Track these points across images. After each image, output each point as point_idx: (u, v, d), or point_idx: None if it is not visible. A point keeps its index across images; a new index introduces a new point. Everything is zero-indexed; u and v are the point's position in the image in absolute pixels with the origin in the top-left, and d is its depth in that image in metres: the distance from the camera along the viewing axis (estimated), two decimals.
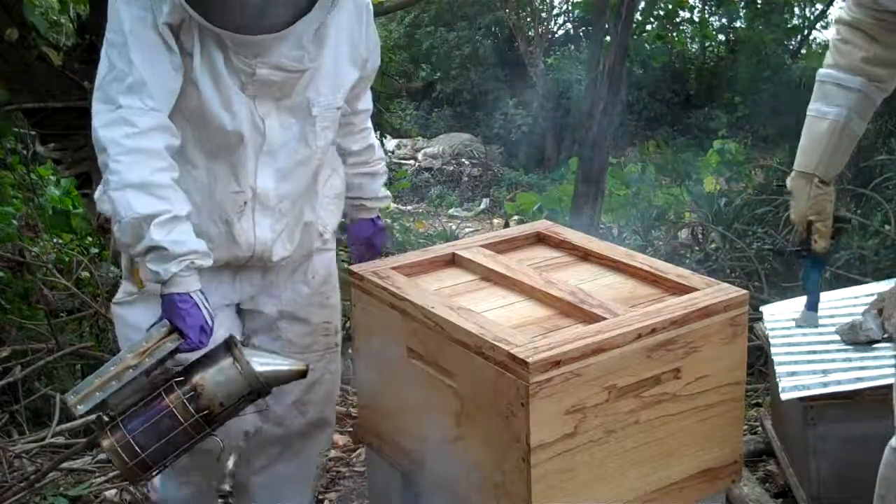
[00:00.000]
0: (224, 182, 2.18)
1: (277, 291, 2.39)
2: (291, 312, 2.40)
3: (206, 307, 2.02)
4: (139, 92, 1.99)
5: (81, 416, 2.09)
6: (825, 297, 3.24)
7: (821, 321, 2.95)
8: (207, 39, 2.03)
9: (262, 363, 2.07)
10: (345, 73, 2.25)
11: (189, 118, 2.10)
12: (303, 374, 2.14)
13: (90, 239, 5.18)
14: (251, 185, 2.19)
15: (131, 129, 1.97)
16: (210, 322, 2.02)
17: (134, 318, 2.22)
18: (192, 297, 2.00)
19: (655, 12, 13.12)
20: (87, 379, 2.01)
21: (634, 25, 8.53)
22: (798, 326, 2.40)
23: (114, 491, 3.20)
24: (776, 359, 2.84)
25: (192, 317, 1.99)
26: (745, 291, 2.07)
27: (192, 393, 2.01)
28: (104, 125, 1.98)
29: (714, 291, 2.06)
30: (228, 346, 2.07)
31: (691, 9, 14.32)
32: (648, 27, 13.78)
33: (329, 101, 2.23)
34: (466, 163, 13.95)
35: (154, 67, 2.00)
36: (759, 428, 3.43)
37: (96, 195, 2.26)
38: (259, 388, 2.06)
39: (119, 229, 1.99)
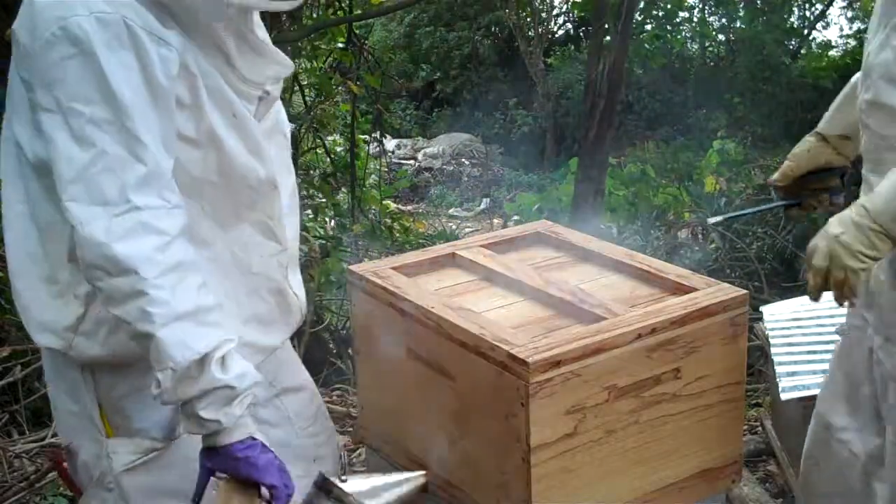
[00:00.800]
0: (260, 248, 1.75)
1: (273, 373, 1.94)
2: (288, 387, 1.99)
3: (268, 446, 1.62)
4: (157, 185, 1.48)
5: None
6: (826, 296, 3.25)
7: (821, 321, 2.97)
8: (212, 74, 1.60)
9: (376, 496, 1.68)
10: None
11: (193, 191, 1.63)
12: (425, 488, 1.79)
13: None
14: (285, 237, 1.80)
15: (161, 238, 1.47)
16: (280, 459, 1.62)
17: (165, 482, 1.70)
18: (256, 440, 1.58)
19: (655, 12, 13.11)
20: None
21: (634, 25, 8.53)
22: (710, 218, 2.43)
23: None
24: (776, 359, 2.84)
25: (264, 461, 1.57)
26: (745, 291, 2.07)
27: None
28: (118, 237, 1.44)
29: (714, 291, 2.06)
30: (323, 488, 1.66)
31: (690, 9, 14.32)
32: (648, 27, 13.77)
33: (286, 118, 1.91)
34: (466, 163, 13.94)
35: (162, 147, 1.51)
36: (759, 428, 3.44)
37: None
38: None
39: (173, 378, 1.48)
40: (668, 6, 12.71)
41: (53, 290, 1.61)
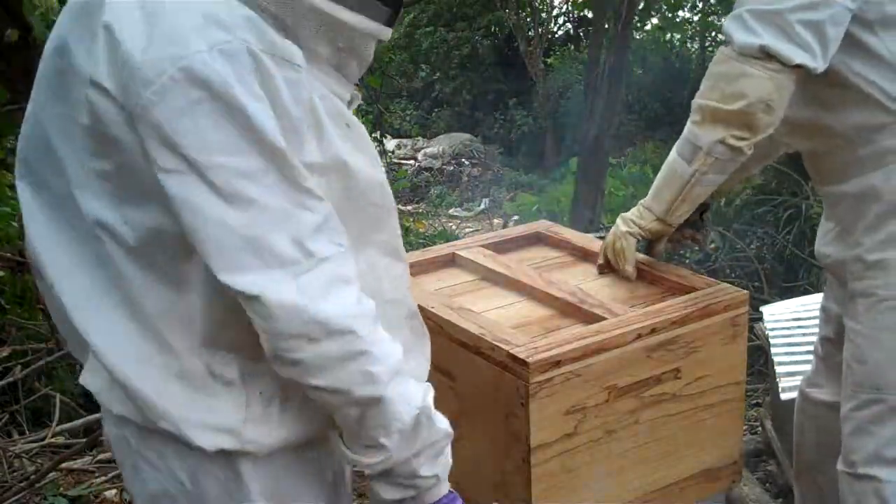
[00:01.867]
0: (389, 270, 1.49)
1: None
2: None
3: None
4: (327, 230, 1.27)
5: None
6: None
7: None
8: (318, 82, 1.34)
9: None
10: None
11: None
12: None
13: None
14: None
15: (352, 287, 1.28)
16: None
17: None
18: (453, 491, 1.41)
19: (657, 5, 13.13)
20: None
21: (636, 22, 8.54)
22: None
23: (114, 491, 3.20)
24: (776, 359, 2.85)
25: None
26: (745, 291, 2.07)
27: None
28: (318, 296, 1.23)
29: (714, 291, 2.06)
30: None
31: (692, 7, 14.32)
32: (648, 26, 13.79)
33: None
34: (466, 163, 13.95)
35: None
36: (759, 428, 3.44)
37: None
38: None
39: (400, 440, 1.31)
40: (672, 1, 12.72)
41: (191, 385, 1.35)
